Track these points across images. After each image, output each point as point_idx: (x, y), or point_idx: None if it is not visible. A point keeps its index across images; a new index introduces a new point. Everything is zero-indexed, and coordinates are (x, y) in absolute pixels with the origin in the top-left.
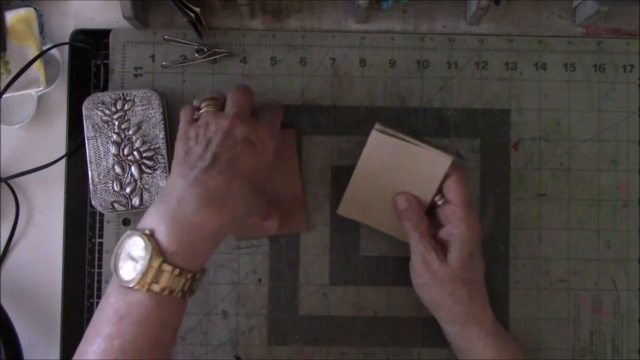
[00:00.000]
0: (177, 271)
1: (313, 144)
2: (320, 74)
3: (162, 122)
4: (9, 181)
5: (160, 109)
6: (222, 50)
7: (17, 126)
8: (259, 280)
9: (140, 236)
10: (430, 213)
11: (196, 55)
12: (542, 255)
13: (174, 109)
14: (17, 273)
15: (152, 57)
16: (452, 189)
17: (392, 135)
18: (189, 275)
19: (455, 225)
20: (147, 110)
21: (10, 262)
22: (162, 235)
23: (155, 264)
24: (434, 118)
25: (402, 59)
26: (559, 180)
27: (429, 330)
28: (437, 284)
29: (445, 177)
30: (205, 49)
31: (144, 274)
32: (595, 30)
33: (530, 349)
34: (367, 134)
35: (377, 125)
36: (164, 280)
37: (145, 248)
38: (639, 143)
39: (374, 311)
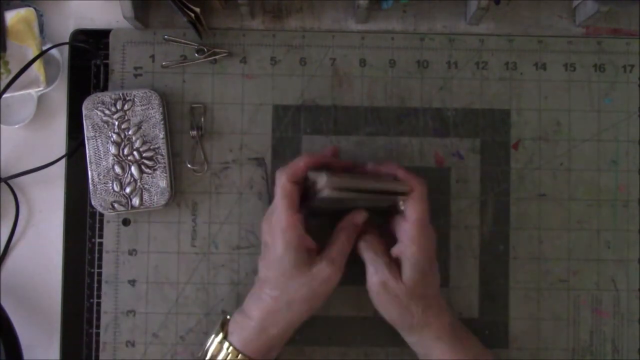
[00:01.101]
0: None
1: (313, 144)
2: (320, 74)
3: (162, 122)
4: (9, 181)
5: (160, 108)
6: (222, 50)
7: (17, 126)
8: None
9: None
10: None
11: (196, 55)
12: (542, 255)
13: (174, 108)
14: (17, 273)
15: (152, 57)
16: (410, 206)
17: (344, 189)
18: None
19: (407, 245)
20: (147, 110)
21: (10, 262)
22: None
23: None
24: (434, 118)
25: (402, 59)
26: (559, 180)
27: None
28: (392, 300)
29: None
30: (205, 49)
31: None
32: (595, 30)
33: (530, 349)
34: (367, 134)
35: (327, 180)
36: None
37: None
38: (639, 143)
39: (374, 311)
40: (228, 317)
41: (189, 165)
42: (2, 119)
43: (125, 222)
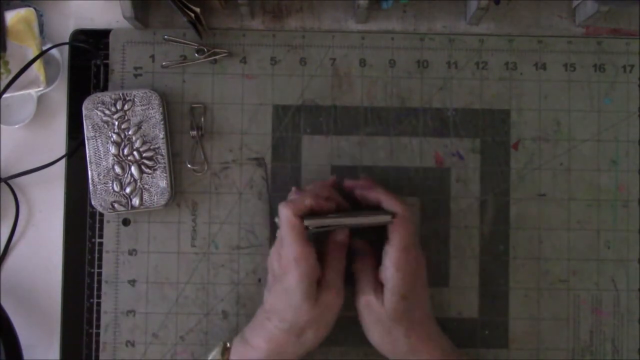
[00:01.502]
0: None
1: (313, 144)
2: (320, 74)
3: (162, 122)
4: (9, 181)
5: (160, 109)
6: (222, 50)
7: (17, 126)
8: (259, 280)
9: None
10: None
11: (196, 55)
12: (542, 255)
13: (174, 108)
14: (17, 273)
15: (152, 57)
16: (393, 229)
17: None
18: None
19: (387, 268)
20: (147, 110)
21: (10, 262)
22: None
23: None
24: (434, 118)
25: (402, 59)
26: (559, 180)
27: None
28: (376, 323)
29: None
30: (205, 49)
31: None
32: (595, 30)
33: (530, 349)
34: (367, 134)
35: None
36: None
37: None
38: (639, 143)
39: None
40: (228, 344)
41: (189, 166)
42: (2, 119)
43: (125, 222)
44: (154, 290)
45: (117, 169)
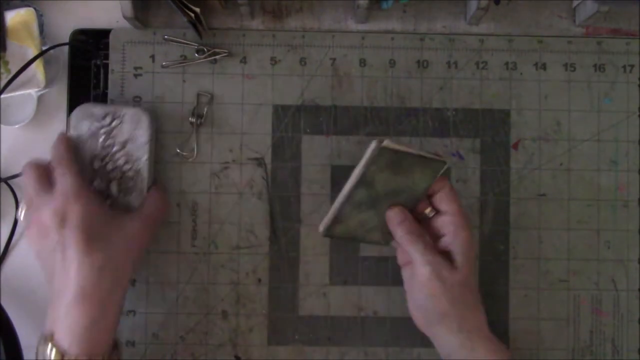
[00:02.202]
0: None
1: (313, 144)
2: (320, 74)
3: (147, 145)
4: (9, 181)
5: (149, 131)
6: (222, 50)
7: (17, 126)
8: (259, 280)
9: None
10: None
11: (196, 55)
12: (542, 255)
13: (174, 108)
14: (17, 273)
15: (152, 57)
16: (446, 200)
17: (397, 150)
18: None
19: (457, 233)
20: (135, 131)
21: (10, 262)
22: (60, 337)
23: None
24: (434, 118)
25: (402, 59)
26: (559, 180)
27: None
28: (448, 292)
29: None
30: (205, 49)
31: None
32: (595, 30)
33: (530, 349)
34: (367, 134)
35: (385, 142)
36: None
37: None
38: (639, 143)
39: (374, 311)
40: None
41: (177, 150)
42: (2, 119)
43: None
44: (154, 290)
45: (96, 183)
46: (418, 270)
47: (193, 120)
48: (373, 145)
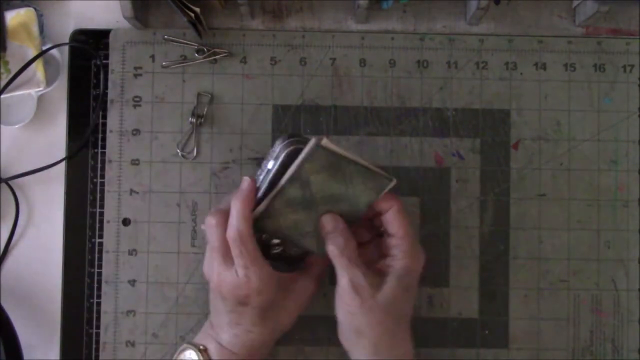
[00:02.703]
0: None
1: None
2: (320, 74)
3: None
4: (9, 181)
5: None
6: (222, 50)
7: (17, 126)
8: None
9: (194, 350)
10: (363, 240)
11: (196, 55)
12: (542, 255)
13: (173, 108)
14: (17, 273)
15: (152, 57)
16: (395, 221)
17: (335, 152)
18: None
19: (399, 258)
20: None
21: (10, 262)
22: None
23: None
24: (434, 118)
25: (402, 59)
26: (559, 180)
27: (428, 330)
28: (366, 312)
29: (378, 202)
30: (205, 49)
31: None
32: (595, 30)
33: (530, 349)
34: (367, 134)
35: (323, 141)
36: None
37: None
38: (639, 143)
39: None
40: (201, 346)
41: (177, 150)
42: (2, 119)
43: (125, 222)
44: (154, 290)
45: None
46: (340, 283)
47: (193, 120)
48: (312, 142)
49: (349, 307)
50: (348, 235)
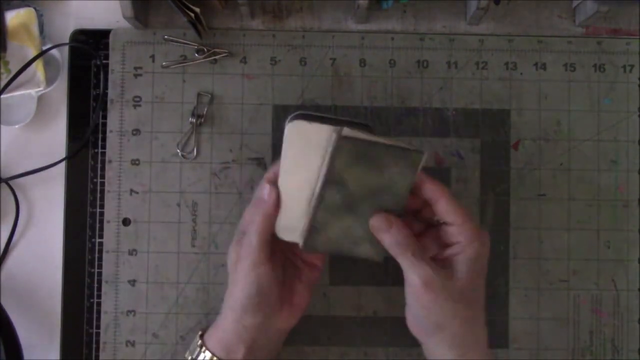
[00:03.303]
0: None
1: None
2: (320, 74)
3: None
4: (9, 181)
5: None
6: (222, 50)
7: (17, 126)
8: None
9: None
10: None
11: (196, 55)
12: (542, 255)
13: (173, 108)
14: (17, 273)
15: (152, 57)
16: (450, 210)
17: (359, 138)
18: None
19: (465, 245)
20: None
21: (10, 262)
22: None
23: None
24: (434, 118)
25: (402, 59)
26: (559, 180)
27: None
28: (442, 304)
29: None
30: (205, 49)
31: None
32: (595, 30)
33: (530, 349)
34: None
35: (344, 130)
36: None
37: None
38: (639, 143)
39: (374, 311)
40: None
41: (178, 150)
42: (2, 119)
43: (125, 222)
44: (154, 290)
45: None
46: (410, 280)
47: (193, 120)
48: (333, 136)
49: (425, 302)
50: (406, 231)
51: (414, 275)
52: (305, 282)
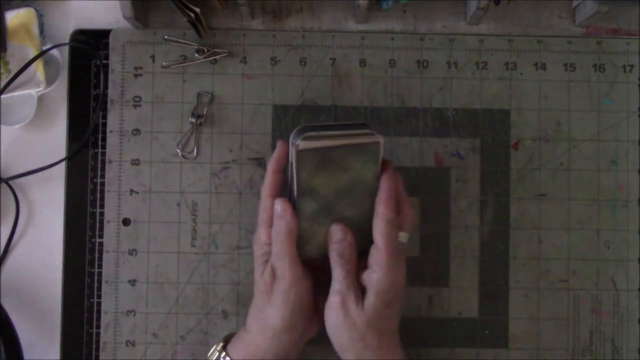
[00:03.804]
0: None
1: None
2: (320, 74)
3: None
4: (9, 181)
5: None
6: (222, 50)
7: (17, 126)
8: None
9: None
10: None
11: (196, 55)
12: (542, 255)
13: (173, 108)
14: (17, 273)
15: (152, 57)
16: (377, 229)
17: (316, 148)
18: None
19: (375, 271)
20: None
21: (10, 262)
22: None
23: None
24: (434, 118)
25: (402, 59)
26: (559, 180)
27: (428, 330)
28: (349, 327)
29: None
30: (205, 49)
31: None
32: (595, 30)
33: (530, 349)
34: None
35: (300, 145)
36: None
37: None
38: (639, 143)
39: None
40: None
41: (178, 150)
42: (2, 119)
43: (125, 222)
44: (154, 290)
45: None
46: (331, 293)
47: (193, 120)
48: (293, 151)
49: (336, 320)
50: (353, 248)
51: (336, 292)
52: (322, 288)
